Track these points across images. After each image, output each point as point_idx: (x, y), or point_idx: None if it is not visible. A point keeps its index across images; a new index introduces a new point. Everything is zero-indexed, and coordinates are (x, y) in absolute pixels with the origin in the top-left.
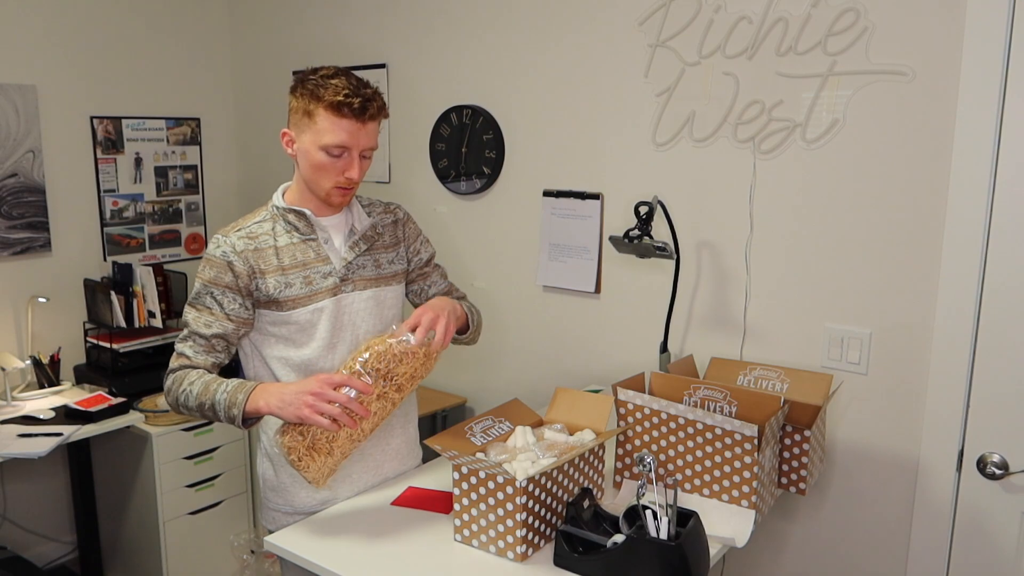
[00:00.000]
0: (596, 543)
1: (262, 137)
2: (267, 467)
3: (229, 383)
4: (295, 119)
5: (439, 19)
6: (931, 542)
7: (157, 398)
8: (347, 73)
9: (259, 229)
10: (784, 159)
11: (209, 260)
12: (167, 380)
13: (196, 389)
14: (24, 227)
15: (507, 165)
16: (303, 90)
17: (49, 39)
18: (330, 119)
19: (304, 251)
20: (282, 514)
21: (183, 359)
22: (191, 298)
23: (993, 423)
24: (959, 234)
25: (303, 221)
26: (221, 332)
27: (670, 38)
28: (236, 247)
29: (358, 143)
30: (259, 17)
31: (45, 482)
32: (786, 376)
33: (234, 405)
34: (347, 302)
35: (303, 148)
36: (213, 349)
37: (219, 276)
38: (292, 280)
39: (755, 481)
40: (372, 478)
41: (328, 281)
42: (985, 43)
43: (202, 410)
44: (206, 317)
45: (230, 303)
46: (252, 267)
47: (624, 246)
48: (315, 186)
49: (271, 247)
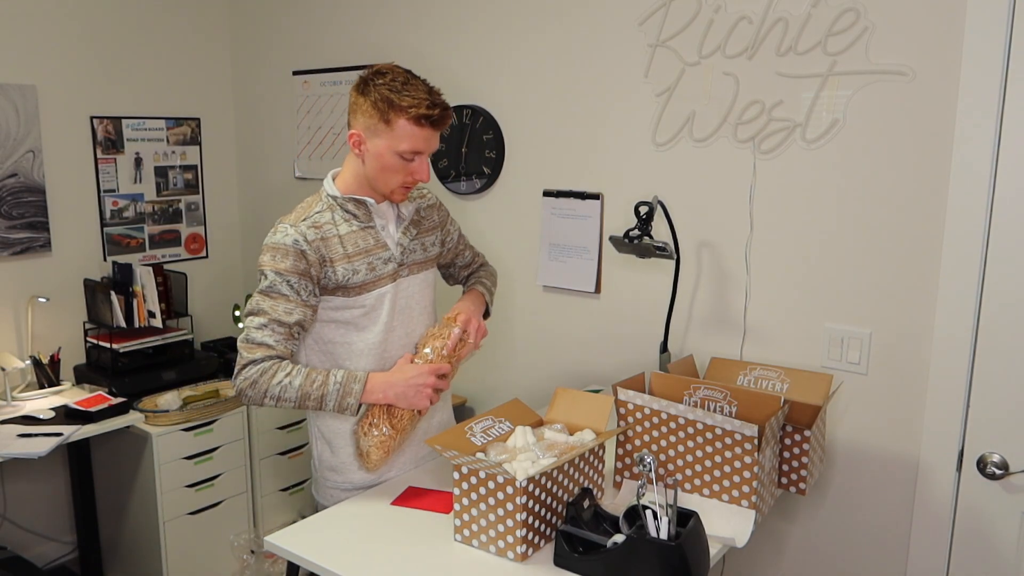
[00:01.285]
0: (596, 543)
1: (262, 137)
2: (324, 448)
3: (337, 373)
4: (367, 123)
5: (439, 19)
6: (931, 542)
7: (157, 398)
8: (417, 78)
9: (321, 219)
10: (784, 159)
11: (280, 249)
12: (249, 370)
13: (298, 380)
14: (24, 227)
15: (507, 165)
16: (377, 95)
17: (49, 39)
18: (410, 128)
19: (364, 238)
20: (341, 491)
21: (264, 349)
22: (263, 288)
23: (993, 423)
24: (959, 234)
25: (362, 209)
26: (301, 319)
27: (670, 38)
28: (307, 236)
29: (430, 148)
30: (259, 17)
31: (45, 482)
32: (786, 376)
33: (349, 394)
34: (404, 286)
35: (375, 151)
36: (292, 337)
37: (295, 264)
38: (358, 267)
39: (755, 481)
40: (422, 451)
41: (388, 267)
42: (985, 43)
43: (302, 400)
44: (285, 305)
45: (305, 290)
46: (322, 256)
47: (624, 246)
48: (381, 184)
49: (335, 236)
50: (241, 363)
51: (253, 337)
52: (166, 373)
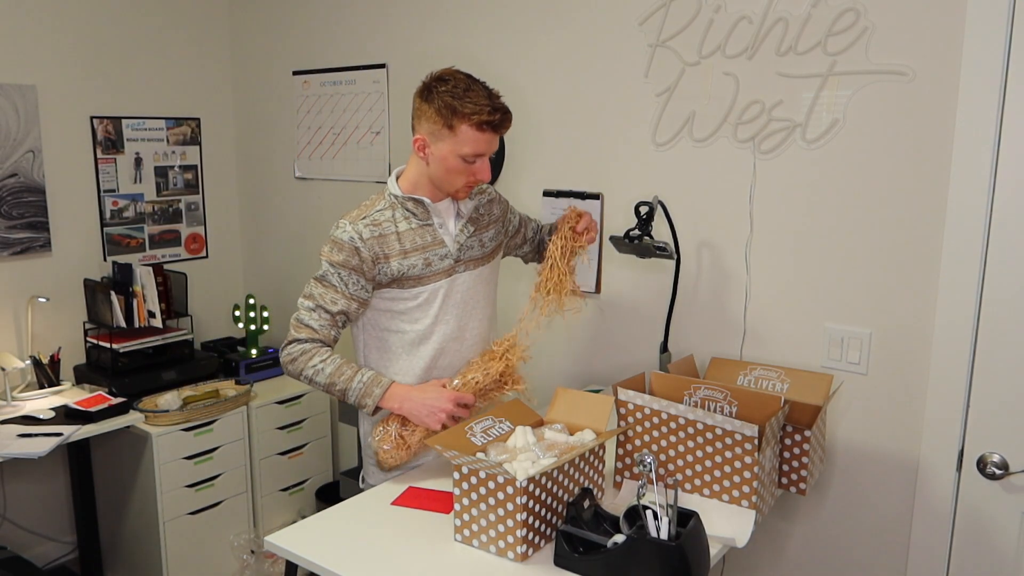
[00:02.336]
0: (596, 543)
1: (262, 137)
2: None
3: (365, 374)
4: (431, 128)
5: (439, 19)
6: (931, 542)
7: (157, 398)
8: (478, 83)
9: (381, 216)
10: (784, 159)
11: (337, 243)
12: (293, 347)
13: (329, 368)
14: (24, 227)
15: (507, 165)
16: (440, 103)
17: (49, 39)
18: (472, 133)
19: (423, 235)
20: (386, 472)
21: (309, 331)
22: (318, 275)
23: (993, 423)
24: (959, 234)
25: (421, 208)
26: (344, 309)
27: (670, 38)
28: (363, 235)
29: (491, 150)
30: (259, 17)
31: (45, 482)
32: (786, 376)
33: (368, 396)
34: (459, 281)
35: (439, 154)
36: (336, 324)
37: (347, 260)
38: (414, 262)
39: (755, 481)
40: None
41: (445, 263)
42: (985, 43)
43: (329, 388)
44: (331, 295)
45: (354, 284)
46: (376, 253)
47: (624, 246)
48: (446, 184)
49: (393, 233)
50: (288, 339)
51: (302, 318)
52: (166, 373)
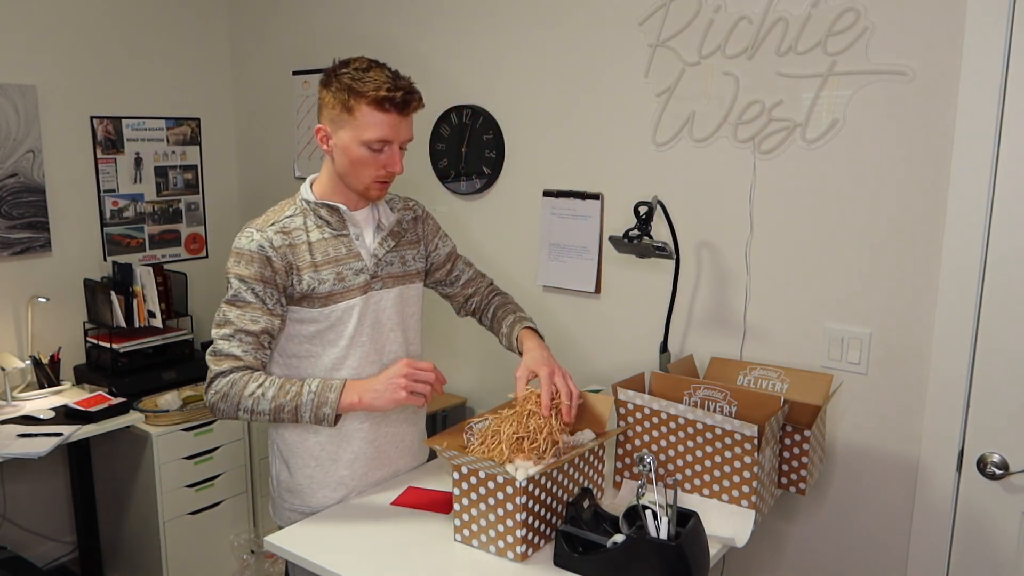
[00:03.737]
0: (596, 543)
1: (262, 137)
2: (282, 468)
3: (312, 382)
4: (331, 114)
5: (439, 19)
6: (931, 542)
7: (157, 398)
8: (381, 64)
9: (291, 224)
10: (784, 159)
11: (244, 255)
12: (218, 383)
13: (270, 391)
14: (24, 227)
15: (507, 165)
16: (339, 84)
17: (49, 39)
18: (372, 114)
19: (336, 247)
20: (298, 513)
21: (232, 360)
22: (229, 297)
23: (993, 423)
24: (959, 234)
25: (335, 216)
26: (268, 327)
27: (670, 38)
28: (273, 242)
29: (399, 136)
30: (259, 17)
31: (45, 482)
32: (786, 376)
33: (325, 404)
34: (375, 300)
35: (341, 144)
36: (261, 346)
37: (260, 271)
38: (325, 276)
39: (755, 481)
40: (385, 474)
41: (360, 278)
42: (985, 43)
43: (277, 412)
44: (251, 313)
45: (271, 298)
46: (289, 263)
47: (624, 246)
48: (354, 180)
49: (304, 242)
50: (210, 376)
51: (220, 349)
52: (166, 373)
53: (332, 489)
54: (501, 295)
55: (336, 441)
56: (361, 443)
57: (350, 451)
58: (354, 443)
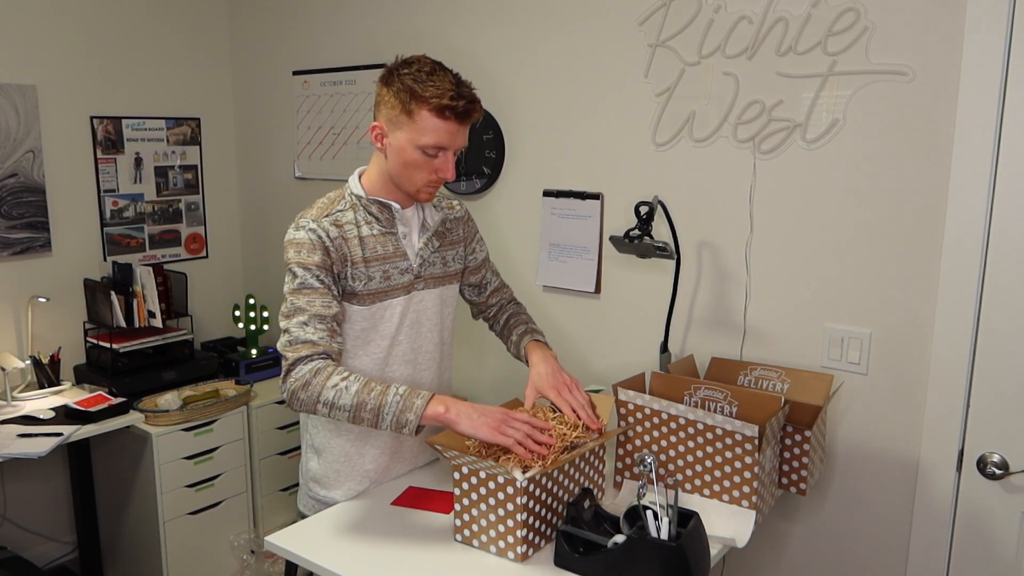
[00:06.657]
0: (597, 543)
1: (262, 137)
2: (312, 457)
3: (399, 386)
4: (389, 114)
5: (438, 19)
6: (931, 542)
7: (157, 398)
8: (444, 68)
9: (343, 217)
10: (784, 159)
11: (305, 244)
12: (300, 369)
13: (354, 387)
14: (24, 227)
15: (507, 165)
16: (400, 85)
17: (49, 39)
18: (432, 120)
19: (384, 244)
20: (320, 503)
21: (310, 346)
22: (295, 287)
23: (993, 423)
24: (959, 234)
25: (386, 213)
26: (337, 314)
27: (670, 38)
28: (329, 233)
29: (455, 144)
30: (259, 17)
31: (45, 482)
32: (786, 376)
33: (409, 409)
34: (417, 300)
35: (396, 144)
36: (335, 332)
37: (323, 259)
38: (373, 273)
39: (755, 481)
40: (405, 467)
41: (404, 278)
42: (985, 43)
43: (358, 409)
44: (322, 299)
45: (335, 285)
46: (343, 254)
47: (624, 246)
48: (405, 181)
49: (355, 236)
50: (288, 364)
51: (296, 336)
52: (166, 373)
53: (357, 482)
54: (515, 303)
55: (363, 438)
56: (386, 438)
57: (376, 447)
58: (380, 439)
